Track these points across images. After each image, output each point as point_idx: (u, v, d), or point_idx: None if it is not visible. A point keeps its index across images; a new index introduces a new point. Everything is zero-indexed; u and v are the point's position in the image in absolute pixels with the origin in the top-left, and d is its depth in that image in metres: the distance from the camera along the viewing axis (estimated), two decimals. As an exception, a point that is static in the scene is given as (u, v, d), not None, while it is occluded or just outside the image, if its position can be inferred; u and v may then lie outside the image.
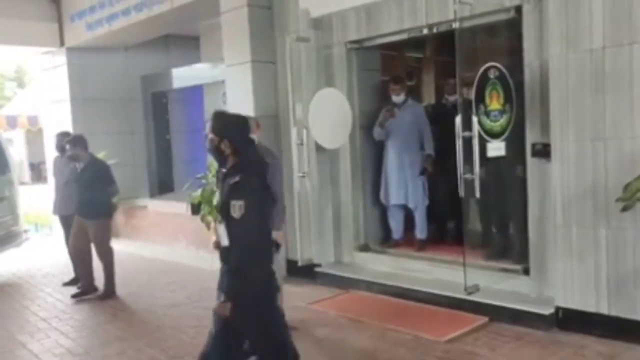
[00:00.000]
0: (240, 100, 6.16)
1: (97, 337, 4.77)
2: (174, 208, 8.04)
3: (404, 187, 5.88)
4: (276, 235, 4.35)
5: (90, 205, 5.83)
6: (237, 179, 2.82)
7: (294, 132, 5.64)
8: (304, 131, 5.57)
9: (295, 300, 5.33)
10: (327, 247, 6.08)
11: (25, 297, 6.18)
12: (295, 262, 5.92)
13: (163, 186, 9.24)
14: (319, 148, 5.77)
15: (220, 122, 3.00)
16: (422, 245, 5.87)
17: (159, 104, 9.35)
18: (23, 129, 15.20)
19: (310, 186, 5.78)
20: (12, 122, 13.88)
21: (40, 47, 9.25)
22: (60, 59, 9.25)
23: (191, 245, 7.64)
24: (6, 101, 17.15)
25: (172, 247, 7.92)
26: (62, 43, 9.12)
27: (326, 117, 5.56)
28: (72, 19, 8.79)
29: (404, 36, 5.43)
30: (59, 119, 9.23)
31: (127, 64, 9.43)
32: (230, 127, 2.98)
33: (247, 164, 2.91)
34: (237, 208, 2.78)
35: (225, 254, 2.93)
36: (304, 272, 5.94)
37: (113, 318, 5.28)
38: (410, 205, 5.91)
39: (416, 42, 6.96)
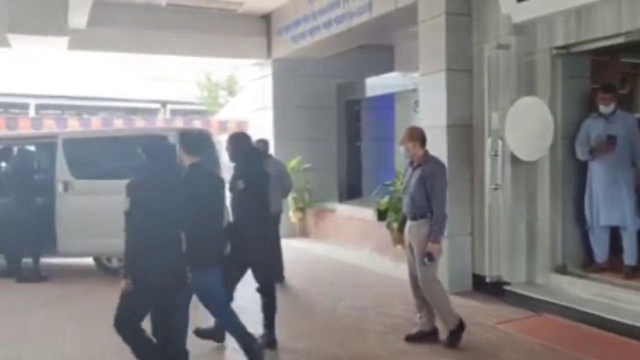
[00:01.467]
0: (433, 109, 6.11)
1: (287, 329, 5.03)
2: (361, 213, 8.26)
3: (618, 207, 5.31)
4: (431, 247, 4.27)
5: None
6: (128, 181, 3.52)
7: (488, 142, 5.44)
8: (499, 142, 5.34)
9: (481, 317, 5.13)
10: (519, 265, 5.72)
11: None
12: (483, 278, 5.69)
13: (351, 191, 9.53)
14: (515, 160, 5.49)
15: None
16: (632, 273, 5.24)
17: (351, 112, 9.70)
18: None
19: (503, 199, 5.52)
20: (222, 127, 15.52)
21: (251, 59, 10.24)
22: (266, 70, 10.11)
23: (375, 250, 7.76)
24: (219, 108, 19.15)
25: (357, 251, 8.13)
26: (269, 55, 9.97)
27: (525, 127, 5.30)
28: (280, 33, 9.54)
29: (620, 40, 4.93)
30: (262, 124, 10.08)
31: (324, 73, 9.93)
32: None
33: (147, 171, 3.58)
34: (125, 204, 3.41)
35: None
36: (491, 289, 5.68)
37: (299, 314, 5.55)
38: (623, 227, 5.31)
39: (634, 46, 6.23)
